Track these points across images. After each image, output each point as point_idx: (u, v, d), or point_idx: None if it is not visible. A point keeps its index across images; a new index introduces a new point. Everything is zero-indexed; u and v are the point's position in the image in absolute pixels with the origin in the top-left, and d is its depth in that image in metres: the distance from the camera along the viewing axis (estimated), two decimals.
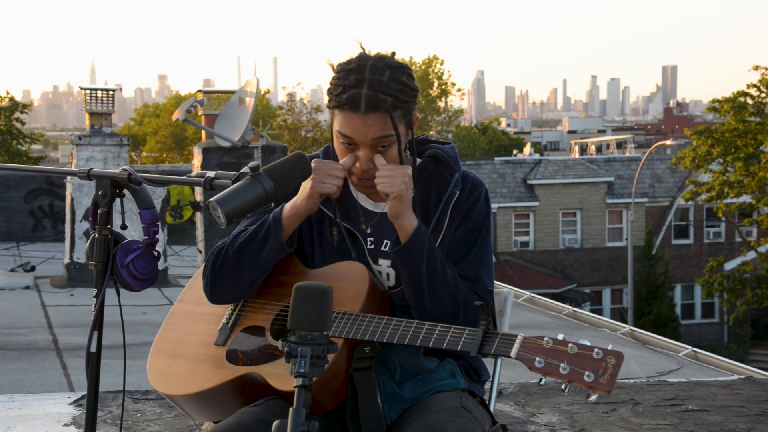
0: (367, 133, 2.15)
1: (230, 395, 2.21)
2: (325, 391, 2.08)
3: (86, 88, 13.41)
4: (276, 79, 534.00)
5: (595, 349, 1.83)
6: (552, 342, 1.88)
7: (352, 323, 2.11)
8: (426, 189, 2.29)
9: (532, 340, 1.91)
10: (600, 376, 1.80)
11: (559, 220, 32.15)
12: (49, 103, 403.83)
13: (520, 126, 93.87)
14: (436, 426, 2.01)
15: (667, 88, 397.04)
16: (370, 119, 2.14)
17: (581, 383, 1.82)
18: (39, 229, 19.54)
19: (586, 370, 1.81)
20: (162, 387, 2.29)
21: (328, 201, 2.28)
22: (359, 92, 2.13)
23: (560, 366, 1.84)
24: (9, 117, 31.25)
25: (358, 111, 2.13)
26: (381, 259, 2.28)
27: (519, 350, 1.90)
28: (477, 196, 2.29)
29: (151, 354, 2.37)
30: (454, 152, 2.34)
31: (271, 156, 12.91)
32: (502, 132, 56.58)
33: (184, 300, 2.46)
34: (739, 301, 25.99)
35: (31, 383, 6.54)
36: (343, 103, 2.15)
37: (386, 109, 2.14)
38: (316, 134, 30.49)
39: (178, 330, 2.38)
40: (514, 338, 1.93)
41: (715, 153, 26.37)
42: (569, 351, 1.85)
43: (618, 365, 1.81)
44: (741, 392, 4.78)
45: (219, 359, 2.23)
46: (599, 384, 1.80)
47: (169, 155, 44.43)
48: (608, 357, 1.82)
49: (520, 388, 4.70)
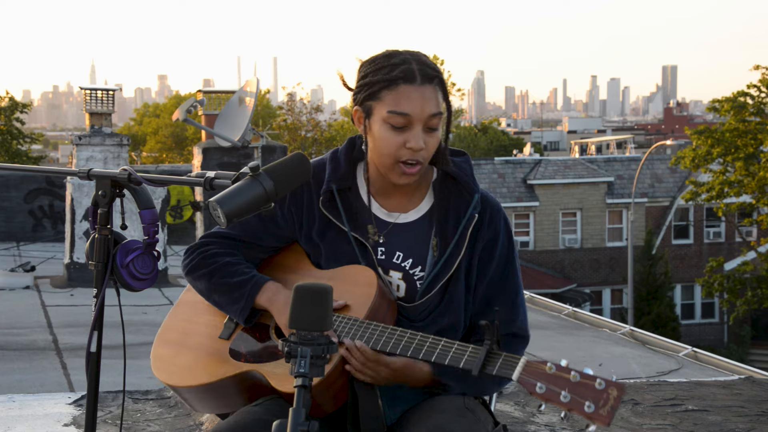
0: (424, 107, 2.11)
1: (232, 390, 2.20)
2: (326, 395, 2.08)
3: (86, 88, 13.42)
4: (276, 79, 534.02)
5: (598, 379, 1.81)
6: (555, 368, 1.85)
7: (356, 329, 2.09)
8: (445, 209, 2.24)
9: (535, 364, 1.89)
10: (600, 407, 1.78)
11: (559, 220, 32.15)
12: (49, 103, 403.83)
13: (520, 126, 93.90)
14: (443, 426, 2.01)
15: (667, 88, 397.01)
16: (427, 91, 2.12)
17: (581, 413, 1.80)
18: (39, 229, 19.55)
19: (586, 401, 1.79)
20: (164, 377, 2.29)
21: (334, 208, 2.24)
22: (410, 66, 2.12)
23: (561, 394, 1.82)
24: (9, 117, 31.27)
25: (415, 82, 2.11)
26: (392, 270, 2.24)
27: (521, 374, 1.89)
28: (496, 229, 2.24)
29: (155, 342, 2.36)
30: (471, 167, 2.29)
31: (271, 156, 12.92)
32: (502, 132, 56.58)
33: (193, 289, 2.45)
34: (740, 302, 25.99)
35: (31, 383, 6.54)
36: (394, 78, 2.11)
37: (439, 82, 2.14)
38: (315, 134, 30.51)
39: (185, 319, 2.37)
40: (517, 361, 1.91)
41: (715, 153, 26.37)
42: (571, 379, 1.83)
43: (619, 398, 1.79)
44: (741, 392, 4.78)
45: (222, 354, 2.23)
46: (599, 416, 1.78)
47: (169, 155, 44.43)
48: (610, 389, 1.79)
49: (520, 388, 4.70)
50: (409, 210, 2.27)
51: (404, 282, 2.22)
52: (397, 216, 2.25)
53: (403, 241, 2.23)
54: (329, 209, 2.24)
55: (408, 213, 2.26)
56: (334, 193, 2.25)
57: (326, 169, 2.28)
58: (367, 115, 2.17)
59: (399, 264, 2.23)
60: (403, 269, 2.23)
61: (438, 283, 2.19)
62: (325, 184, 2.25)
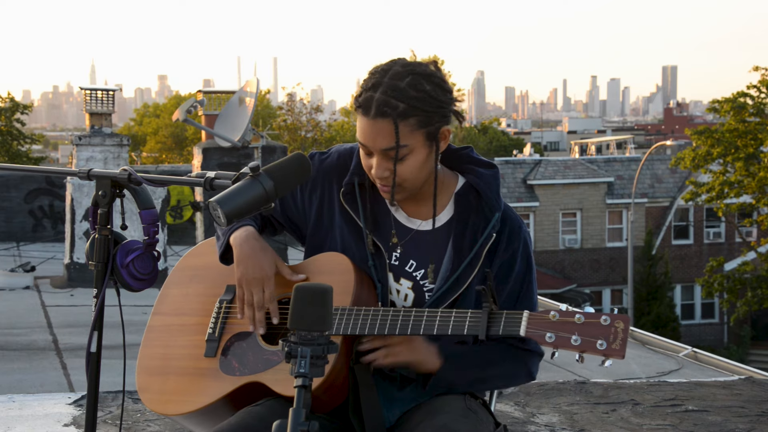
0: (375, 141, 2.06)
1: (232, 405, 2.17)
2: (329, 390, 2.07)
3: (86, 89, 13.41)
4: (276, 80, 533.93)
5: (602, 316, 1.85)
6: (558, 315, 1.89)
7: (348, 318, 2.07)
8: (463, 223, 2.18)
9: (538, 315, 1.91)
10: (612, 342, 1.82)
11: (559, 221, 32.14)
12: (49, 103, 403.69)
13: (520, 126, 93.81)
14: (448, 426, 1.99)
15: (667, 89, 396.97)
16: (377, 125, 2.05)
17: (594, 352, 1.84)
18: (39, 229, 19.54)
19: (598, 339, 1.83)
20: (160, 407, 2.23)
21: (354, 202, 2.21)
22: (372, 95, 2.05)
23: (571, 338, 1.85)
24: (9, 118, 31.26)
25: (368, 115, 2.06)
26: (403, 278, 2.19)
27: (527, 327, 1.91)
28: (514, 250, 2.19)
29: (138, 374, 2.30)
30: (497, 183, 2.21)
31: (271, 156, 12.92)
32: (502, 132, 56.59)
33: (161, 313, 2.38)
34: (740, 302, 25.97)
35: (31, 383, 6.54)
36: (357, 105, 2.09)
37: (395, 117, 2.03)
38: (315, 134, 30.51)
39: (161, 345, 2.31)
40: (521, 316, 1.93)
41: (715, 153, 26.36)
42: (577, 322, 1.86)
43: (626, 329, 1.83)
44: (741, 392, 4.78)
45: (214, 371, 2.19)
46: (612, 350, 1.82)
47: (169, 155, 44.41)
48: (616, 322, 1.83)
49: (520, 388, 4.70)
50: (429, 218, 2.21)
51: (413, 292, 2.18)
52: (419, 223, 2.20)
53: (418, 249, 2.19)
54: (349, 202, 2.21)
55: (428, 221, 2.21)
56: (355, 186, 2.21)
57: (353, 160, 2.24)
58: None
59: (411, 273, 2.19)
60: (414, 278, 2.19)
61: (447, 299, 2.15)
62: (349, 175, 2.22)
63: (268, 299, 2.17)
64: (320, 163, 2.28)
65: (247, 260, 2.18)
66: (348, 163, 2.24)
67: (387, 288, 2.19)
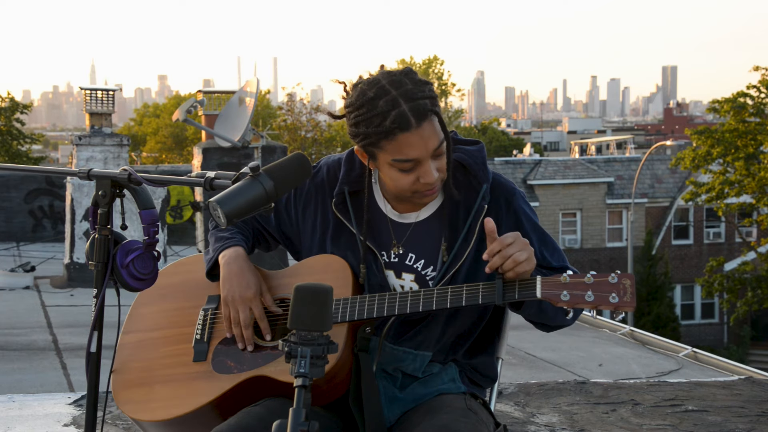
0: (428, 146, 2.05)
1: (225, 406, 2.16)
2: (331, 380, 2.08)
3: (86, 89, 13.42)
4: (276, 80, 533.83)
5: (610, 274, 1.97)
6: (569, 277, 1.98)
7: (353, 305, 2.10)
8: (455, 203, 2.20)
9: (551, 278, 1.99)
10: (623, 296, 1.95)
11: (559, 221, 32.14)
12: (49, 103, 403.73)
13: (520, 126, 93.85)
14: (449, 426, 2.00)
15: (667, 89, 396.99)
16: (424, 130, 2.04)
17: (608, 305, 1.95)
18: (39, 229, 19.54)
19: (610, 293, 1.95)
20: (147, 415, 2.19)
21: (346, 210, 2.22)
22: (401, 110, 2.01)
23: (585, 295, 1.96)
24: (9, 118, 31.26)
25: (411, 127, 2.02)
26: (405, 273, 2.21)
27: (542, 289, 1.98)
28: (516, 210, 2.21)
29: (116, 389, 2.26)
30: (482, 155, 2.24)
31: (271, 156, 12.91)
32: (502, 132, 56.58)
33: (132, 330, 2.35)
34: (740, 302, 25.98)
35: (31, 383, 6.54)
36: (390, 129, 2.02)
37: (434, 113, 2.05)
38: (315, 134, 30.50)
39: (139, 359, 2.29)
40: (534, 281, 1.99)
41: (715, 153, 26.36)
42: (587, 281, 1.98)
43: (633, 284, 1.96)
44: (741, 392, 4.78)
45: (207, 373, 2.18)
46: (625, 303, 1.94)
47: (169, 155, 44.40)
48: (623, 279, 1.96)
49: (520, 388, 4.70)
50: (419, 209, 2.23)
51: (417, 284, 2.20)
52: (414, 216, 2.22)
53: (415, 242, 2.21)
54: (342, 212, 2.23)
55: (420, 211, 2.23)
56: (345, 195, 2.23)
57: (342, 169, 2.26)
58: (371, 157, 2.13)
59: (412, 266, 2.21)
60: (416, 270, 2.20)
61: (447, 276, 2.16)
62: (338, 185, 2.24)
63: (259, 317, 2.19)
64: (312, 178, 2.29)
65: (234, 279, 2.20)
66: (338, 174, 2.26)
67: (388, 288, 2.20)
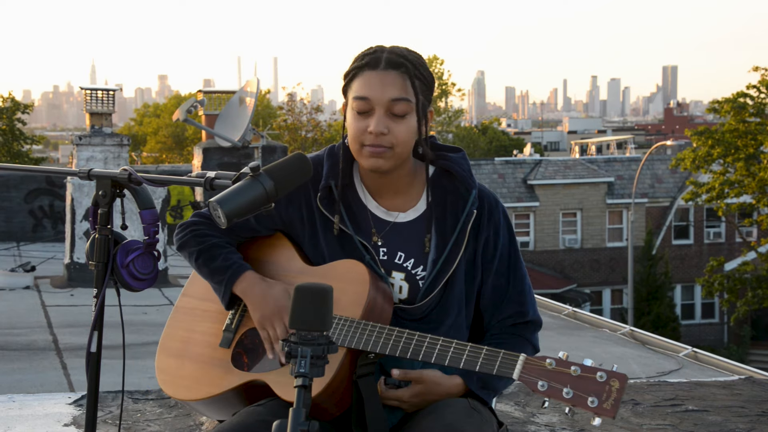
0: (384, 91, 2.10)
1: (237, 399, 2.21)
2: (330, 399, 2.07)
3: (86, 88, 13.41)
4: (276, 79, 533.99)
5: (599, 372, 1.80)
6: (555, 363, 1.84)
7: (354, 331, 2.08)
8: (442, 207, 2.21)
9: (534, 360, 1.88)
10: (604, 401, 1.78)
11: (559, 221, 32.15)
12: (50, 103, 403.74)
13: (520, 126, 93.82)
14: (454, 425, 2.00)
15: (668, 89, 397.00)
16: (388, 77, 2.11)
17: (585, 408, 1.79)
18: (39, 229, 19.54)
19: (589, 396, 1.78)
20: (171, 390, 2.29)
21: (332, 205, 2.22)
22: (380, 54, 2.13)
23: (563, 390, 1.81)
24: (10, 118, 31.27)
25: (377, 68, 2.11)
26: (394, 271, 2.22)
27: (521, 372, 1.87)
28: (496, 223, 2.24)
29: (159, 353, 2.35)
30: (467, 163, 2.26)
31: (271, 156, 12.93)
32: (502, 132, 56.57)
33: (189, 294, 2.42)
34: (740, 302, 25.98)
35: (31, 383, 6.53)
36: (361, 66, 2.14)
37: (406, 70, 2.12)
38: (316, 134, 30.50)
39: (184, 328, 2.36)
40: (516, 359, 1.90)
41: (715, 153, 26.37)
42: (572, 374, 1.82)
43: (622, 389, 1.78)
44: (741, 392, 4.78)
45: (225, 363, 2.22)
46: (603, 410, 1.77)
47: (169, 155, 44.42)
48: (611, 380, 1.79)
49: (520, 388, 4.70)
50: (408, 209, 2.25)
51: (407, 283, 2.21)
52: (396, 215, 2.23)
53: (403, 241, 2.22)
54: (327, 207, 2.23)
55: (407, 212, 2.25)
56: (333, 189, 2.23)
57: (324, 165, 2.26)
58: (346, 103, 2.21)
59: (401, 264, 2.22)
60: (405, 269, 2.21)
61: (440, 282, 2.18)
62: (323, 180, 2.24)
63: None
64: None
65: (260, 302, 2.19)
66: (320, 170, 2.25)
67: (387, 283, 2.21)
